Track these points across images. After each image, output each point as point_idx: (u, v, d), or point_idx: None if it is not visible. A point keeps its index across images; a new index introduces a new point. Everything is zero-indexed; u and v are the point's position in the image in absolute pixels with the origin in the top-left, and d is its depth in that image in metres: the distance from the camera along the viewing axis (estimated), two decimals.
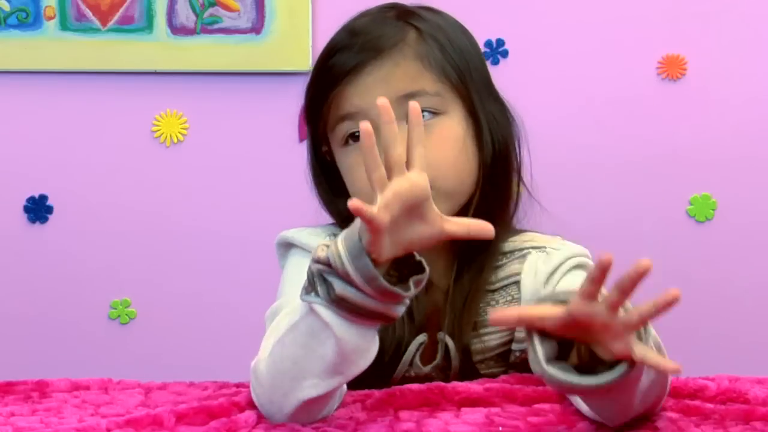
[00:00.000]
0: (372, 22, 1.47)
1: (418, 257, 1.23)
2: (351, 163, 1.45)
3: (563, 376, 1.11)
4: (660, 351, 1.23)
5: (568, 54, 2.47)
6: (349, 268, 1.17)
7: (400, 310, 1.22)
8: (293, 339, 1.23)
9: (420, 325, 1.47)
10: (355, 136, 1.45)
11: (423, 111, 1.42)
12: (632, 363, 1.11)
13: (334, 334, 1.20)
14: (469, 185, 1.46)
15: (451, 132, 1.45)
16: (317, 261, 1.20)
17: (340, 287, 1.18)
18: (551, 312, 1.12)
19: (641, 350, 1.11)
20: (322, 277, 1.20)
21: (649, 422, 1.25)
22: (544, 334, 1.12)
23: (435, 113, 1.45)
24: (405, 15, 1.49)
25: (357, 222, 1.18)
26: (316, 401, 1.24)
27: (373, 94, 1.41)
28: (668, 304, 1.10)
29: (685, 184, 2.50)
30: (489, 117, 1.49)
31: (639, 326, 1.11)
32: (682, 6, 2.47)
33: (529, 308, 1.14)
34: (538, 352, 1.12)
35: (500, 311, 1.14)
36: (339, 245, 1.18)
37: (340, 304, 1.19)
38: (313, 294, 1.21)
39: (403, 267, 1.23)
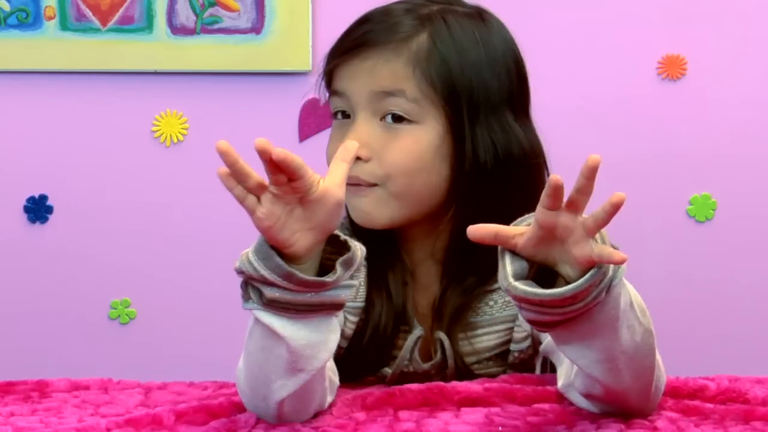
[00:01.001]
0: (401, 9, 1.46)
1: (342, 237, 1.23)
2: (332, 135, 1.48)
3: (528, 288, 1.13)
4: (645, 314, 1.24)
5: (567, 54, 2.47)
6: (264, 272, 1.18)
7: (343, 293, 1.21)
8: (253, 345, 1.24)
9: (401, 311, 1.47)
10: (338, 114, 1.47)
11: (394, 114, 1.43)
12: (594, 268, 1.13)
13: (281, 335, 1.20)
14: (428, 196, 1.44)
15: (416, 143, 1.43)
16: (237, 272, 1.22)
17: (267, 291, 1.19)
18: (523, 229, 1.16)
19: (599, 248, 1.13)
20: (250, 284, 1.21)
21: (649, 422, 1.25)
22: (515, 255, 1.16)
23: (407, 120, 1.43)
24: (434, 15, 1.46)
25: None
26: (293, 399, 1.24)
27: (357, 82, 1.44)
28: (615, 206, 1.12)
29: (685, 184, 2.50)
30: (480, 137, 1.44)
31: (595, 230, 1.14)
32: (682, 6, 2.47)
33: (504, 227, 1.17)
34: (507, 267, 1.15)
35: (478, 226, 1.16)
36: (249, 252, 1.21)
37: (274, 306, 1.20)
38: (250, 301, 1.22)
39: (341, 248, 1.23)
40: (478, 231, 1.16)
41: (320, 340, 1.23)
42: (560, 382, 1.33)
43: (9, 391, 1.42)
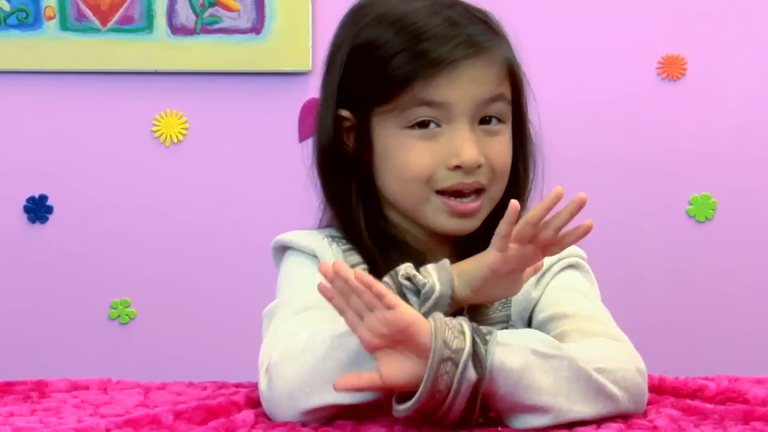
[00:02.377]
0: (462, 16, 1.44)
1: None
2: (410, 145, 1.42)
3: (401, 407, 1.21)
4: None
5: (568, 54, 2.47)
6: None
7: None
8: (324, 352, 1.27)
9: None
10: (424, 123, 1.42)
11: (494, 117, 1.44)
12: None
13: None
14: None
15: (508, 141, 1.46)
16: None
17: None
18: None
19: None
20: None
21: (648, 422, 1.25)
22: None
23: (502, 121, 1.44)
24: (477, 10, 1.47)
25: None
26: (323, 410, 1.26)
27: (466, 91, 1.41)
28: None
29: (685, 184, 2.50)
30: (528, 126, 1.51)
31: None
32: (682, 6, 2.47)
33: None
34: (394, 402, 1.23)
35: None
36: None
37: None
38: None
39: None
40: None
41: None
42: None
43: (8, 391, 1.42)
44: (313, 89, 2.42)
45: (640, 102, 2.48)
